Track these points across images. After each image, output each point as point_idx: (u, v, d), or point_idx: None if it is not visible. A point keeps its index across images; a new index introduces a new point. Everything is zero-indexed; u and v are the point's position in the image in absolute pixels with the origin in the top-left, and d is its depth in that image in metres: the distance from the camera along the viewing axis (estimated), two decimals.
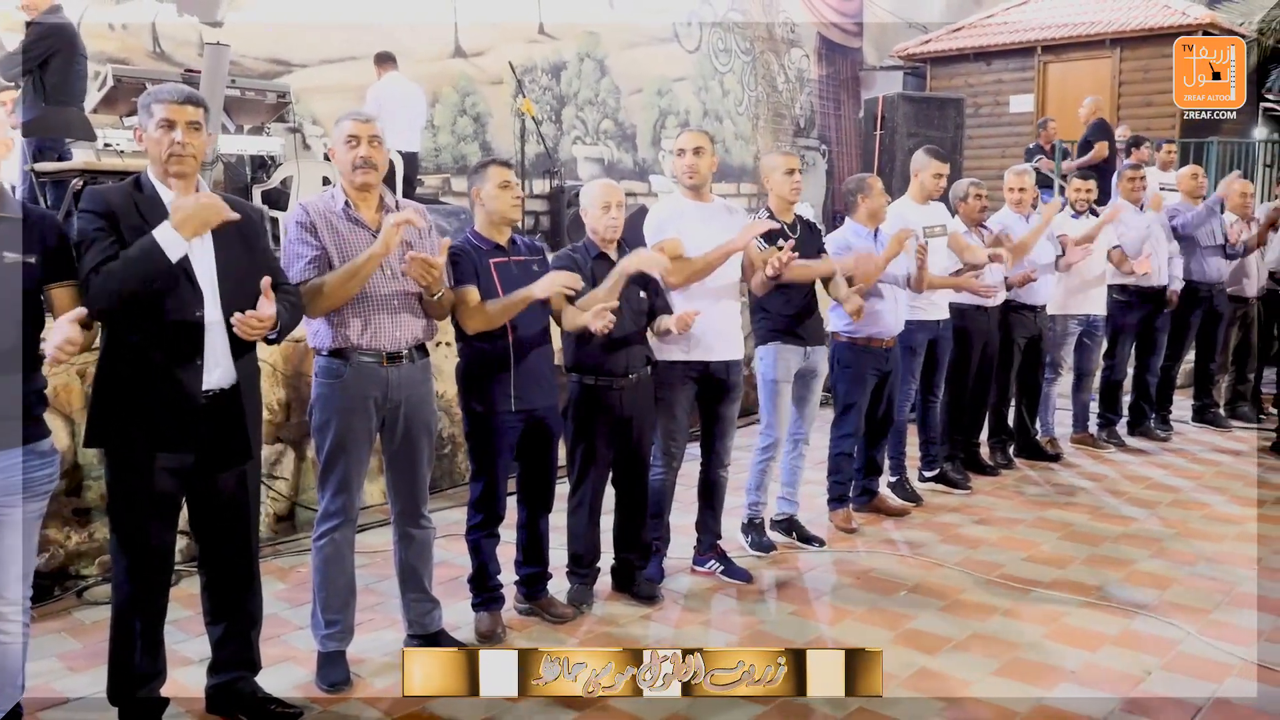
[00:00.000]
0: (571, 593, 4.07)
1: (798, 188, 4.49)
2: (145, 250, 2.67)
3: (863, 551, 4.77)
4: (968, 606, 4.11)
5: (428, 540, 3.57)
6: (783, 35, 14.42)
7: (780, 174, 4.46)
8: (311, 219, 3.20)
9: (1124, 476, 6.09)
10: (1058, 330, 6.42)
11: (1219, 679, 3.48)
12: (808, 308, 4.58)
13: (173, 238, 2.69)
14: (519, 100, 8.30)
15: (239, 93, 5.90)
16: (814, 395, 4.76)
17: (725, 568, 4.39)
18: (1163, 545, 4.83)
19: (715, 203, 4.34)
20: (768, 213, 4.51)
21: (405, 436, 3.38)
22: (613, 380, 3.91)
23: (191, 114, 2.82)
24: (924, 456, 5.74)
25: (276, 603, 4.08)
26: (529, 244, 3.75)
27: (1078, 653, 3.68)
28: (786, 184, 4.45)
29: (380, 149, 3.24)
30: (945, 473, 5.70)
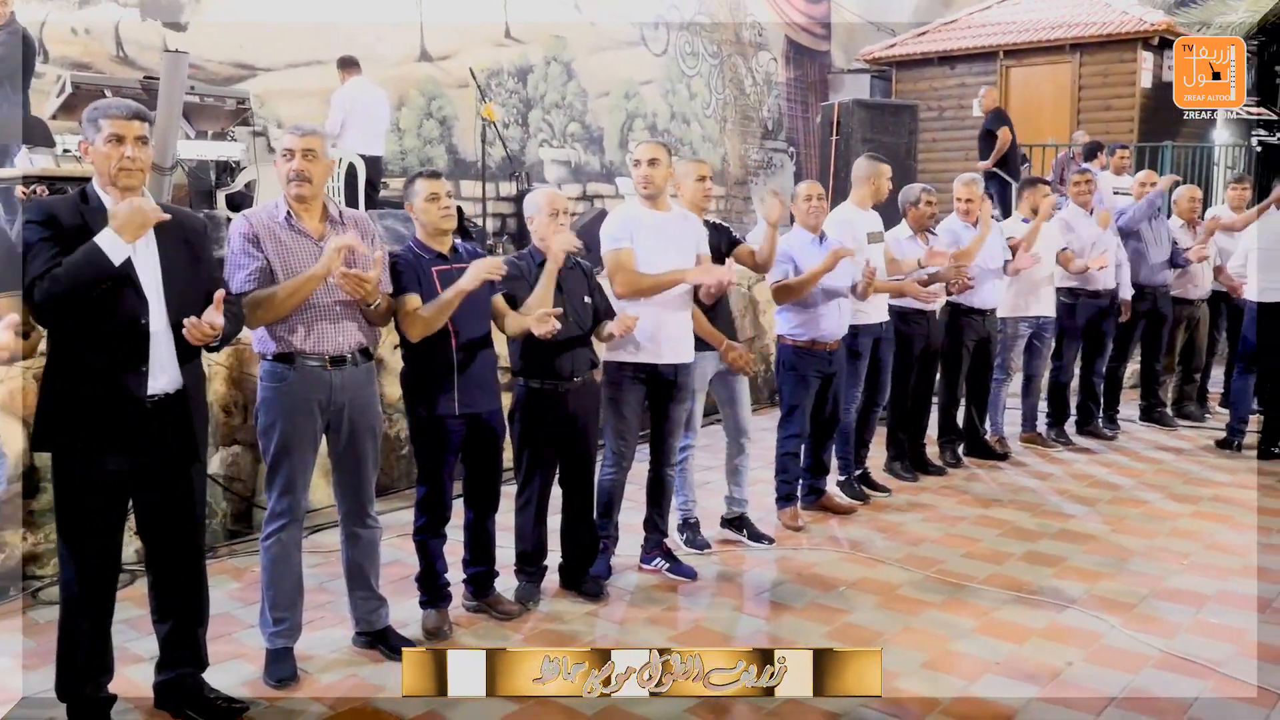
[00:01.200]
0: (519, 590, 4.18)
1: (709, 194, 4.59)
2: (88, 255, 2.76)
3: (807, 549, 4.90)
4: (903, 602, 4.24)
5: (374, 540, 3.67)
6: (750, 38, 14.57)
7: (691, 181, 4.54)
8: (254, 230, 3.30)
9: (1068, 475, 6.25)
10: (1008, 333, 6.58)
11: (1136, 670, 3.63)
12: (716, 313, 4.67)
13: (114, 241, 2.78)
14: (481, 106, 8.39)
15: (198, 99, 5.97)
16: (741, 394, 4.86)
17: (671, 565, 4.51)
18: (1098, 541, 4.99)
19: (673, 211, 4.43)
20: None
21: (350, 438, 3.48)
22: (558, 383, 4.02)
23: (139, 129, 2.91)
24: (855, 459, 5.78)
25: (229, 601, 4.18)
26: (471, 250, 3.85)
27: (1004, 645, 3.82)
28: (699, 190, 4.55)
29: (316, 161, 3.32)
30: (868, 474, 5.82)
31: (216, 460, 4.90)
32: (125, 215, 2.79)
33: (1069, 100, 13.05)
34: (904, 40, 14.77)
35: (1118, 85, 12.67)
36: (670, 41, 13.10)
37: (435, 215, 3.68)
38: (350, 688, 3.47)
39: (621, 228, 4.29)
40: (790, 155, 15.16)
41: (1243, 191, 7.61)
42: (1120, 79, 12.67)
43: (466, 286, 3.58)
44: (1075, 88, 13.06)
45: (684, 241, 4.32)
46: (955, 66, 14.05)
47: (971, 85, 14.02)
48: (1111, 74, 12.74)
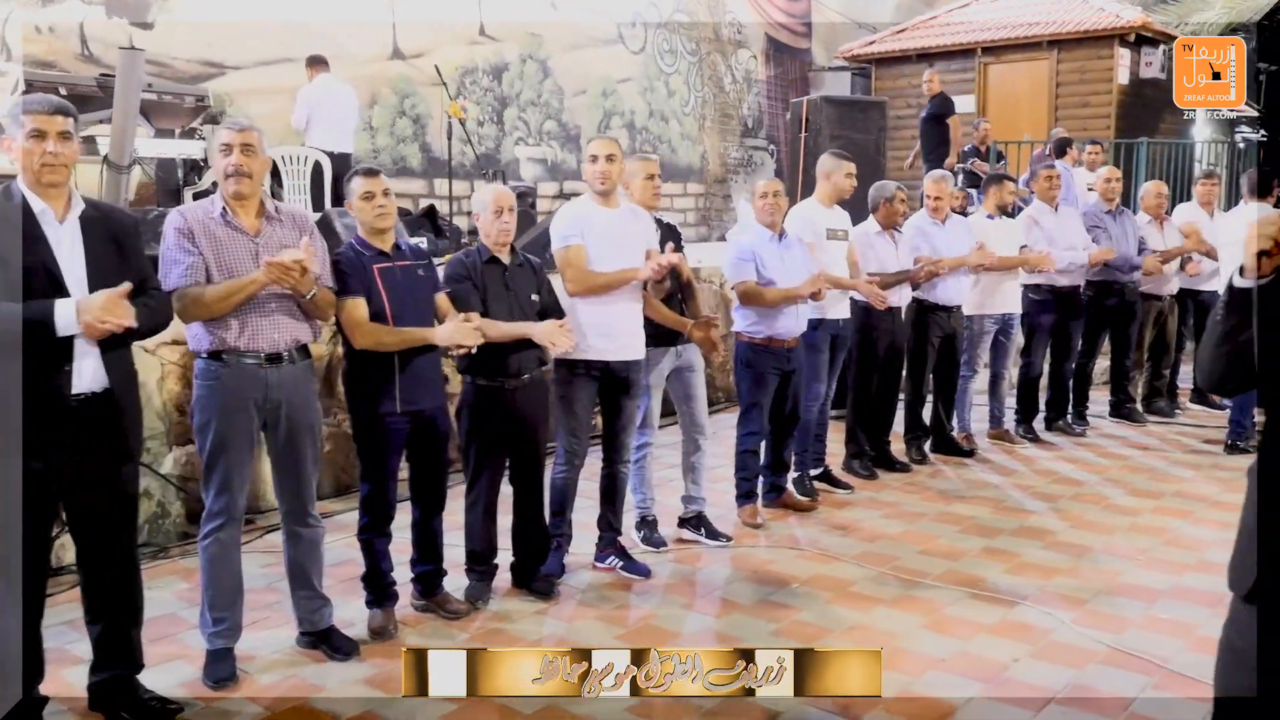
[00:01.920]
0: (469, 589, 4.15)
1: (658, 193, 4.58)
2: (36, 316, 2.75)
3: (764, 547, 4.88)
4: (854, 599, 4.23)
5: (316, 539, 3.65)
6: (729, 36, 14.55)
7: (641, 179, 4.51)
8: (189, 225, 3.27)
9: (1033, 471, 6.24)
10: (974, 329, 6.57)
11: (1081, 665, 3.62)
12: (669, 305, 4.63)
13: (69, 321, 2.77)
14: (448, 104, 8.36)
15: (155, 96, 5.93)
16: (697, 390, 4.84)
17: (625, 564, 4.49)
18: (1055, 537, 4.98)
19: (623, 208, 4.42)
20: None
21: (288, 437, 3.45)
22: (504, 381, 4.00)
23: (61, 124, 2.89)
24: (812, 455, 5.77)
25: (176, 602, 4.15)
26: (414, 248, 3.83)
27: (952, 641, 3.81)
28: (648, 189, 4.53)
29: (255, 157, 3.30)
30: (828, 471, 5.81)
31: (170, 460, 4.87)
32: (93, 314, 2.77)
33: (1046, 97, 13.06)
34: (882, 38, 14.78)
35: (1095, 82, 12.68)
36: (648, 39, 13.07)
37: (370, 214, 3.65)
38: (289, 688, 3.44)
39: (572, 225, 4.28)
40: (771, 153, 15.13)
41: (1210, 186, 7.61)
42: (1097, 75, 12.68)
43: (438, 342, 3.69)
44: (1053, 84, 13.06)
45: (634, 238, 4.31)
46: (934, 64, 13.98)
47: (950, 82, 13.99)
48: (1089, 71, 12.75)
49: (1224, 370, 2.00)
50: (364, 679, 3.50)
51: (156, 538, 4.79)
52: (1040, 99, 13.14)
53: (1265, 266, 1.88)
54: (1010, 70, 13.48)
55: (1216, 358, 2.02)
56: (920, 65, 14.18)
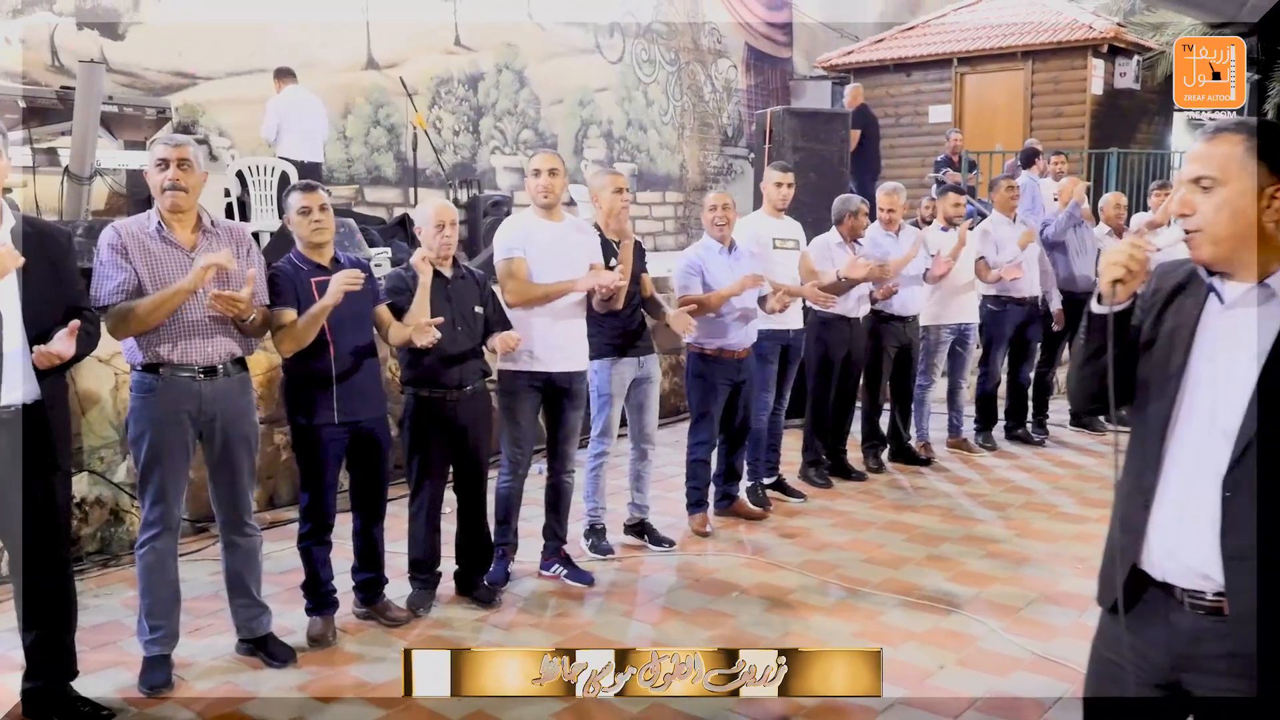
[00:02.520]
0: (411, 597, 4.21)
1: (626, 206, 4.66)
2: None
3: (710, 554, 4.95)
4: (792, 607, 4.29)
5: (253, 548, 3.71)
6: (709, 45, 14.64)
7: (609, 193, 4.63)
8: (123, 241, 3.33)
9: (987, 480, 6.32)
10: (930, 339, 6.65)
11: (1006, 673, 3.69)
12: (641, 322, 4.76)
13: None
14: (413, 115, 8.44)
15: (117, 109, 6.00)
16: (651, 401, 4.92)
17: (569, 571, 4.55)
18: (998, 546, 5.05)
19: (566, 221, 4.50)
20: (597, 229, 4.67)
21: (224, 448, 3.52)
22: (446, 392, 4.06)
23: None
24: (765, 464, 5.82)
25: (122, 610, 4.20)
26: (353, 261, 3.89)
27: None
28: (616, 202, 4.62)
29: (191, 172, 3.36)
30: (781, 480, 5.87)
31: (123, 469, 4.92)
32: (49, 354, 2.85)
33: (1022, 107, 13.17)
34: (861, 48, 14.88)
35: (1069, 92, 12.80)
36: (626, 49, 13.16)
37: (306, 229, 3.72)
38: (223, 694, 3.50)
39: (514, 238, 4.35)
40: (750, 161, 15.19)
41: (1163, 196, 7.70)
42: (1071, 86, 12.79)
43: (329, 303, 3.62)
44: (1028, 95, 13.17)
45: (577, 252, 4.38)
46: (911, 74, 14.16)
47: (927, 92, 14.15)
48: (1062, 81, 12.86)
49: (1089, 390, 2.07)
50: (298, 685, 3.56)
51: (110, 546, 4.85)
52: (1016, 109, 13.25)
53: (1120, 293, 1.96)
54: (986, 80, 13.59)
55: (1081, 379, 2.09)
56: (898, 75, 14.32)
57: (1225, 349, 1.90)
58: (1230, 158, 1.84)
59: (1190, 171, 1.90)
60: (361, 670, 3.70)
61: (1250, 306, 1.88)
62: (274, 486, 5.56)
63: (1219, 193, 1.85)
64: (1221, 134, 1.87)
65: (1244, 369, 1.86)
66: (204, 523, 4.93)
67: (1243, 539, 1.85)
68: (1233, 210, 1.84)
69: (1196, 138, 1.92)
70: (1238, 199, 1.84)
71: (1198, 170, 1.88)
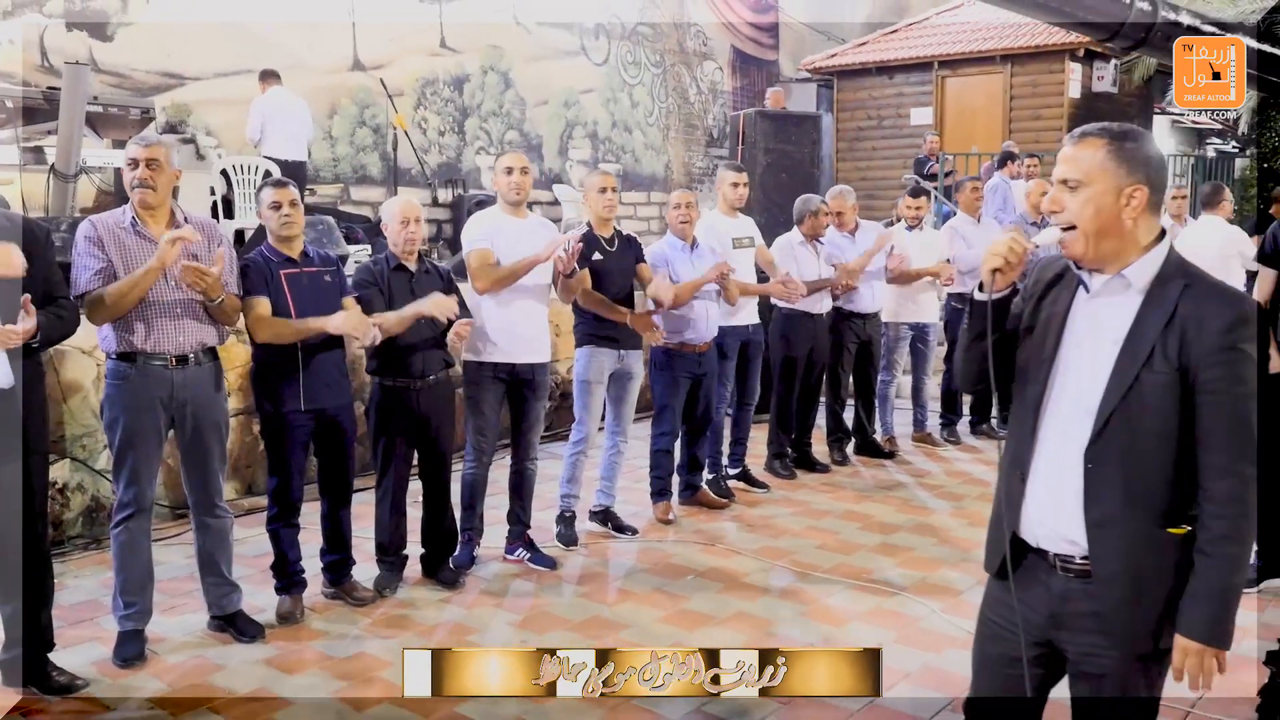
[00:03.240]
0: (378, 579, 4.39)
1: (610, 204, 4.85)
2: None
3: (671, 541, 5.13)
4: (744, 589, 4.48)
5: (224, 528, 3.89)
6: (695, 48, 14.83)
7: (595, 192, 4.86)
8: (99, 233, 3.51)
9: (946, 472, 6.50)
10: (890, 335, 6.84)
11: (941, 650, 3.87)
12: None
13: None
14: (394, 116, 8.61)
15: (102, 109, 6.18)
16: (630, 395, 5.11)
17: (533, 555, 4.74)
18: (949, 534, 5.24)
19: (530, 218, 4.69)
20: (588, 227, 4.86)
21: (194, 434, 3.69)
22: (410, 382, 4.25)
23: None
24: (731, 455, 6.04)
25: (100, 589, 4.37)
26: (323, 255, 4.07)
27: (824, 628, 4.06)
28: (600, 201, 4.83)
29: (160, 171, 3.54)
30: (746, 471, 6.06)
31: (104, 456, 5.08)
32: None
33: (1001, 110, 13.38)
34: (844, 51, 15.09)
35: (1047, 95, 13.00)
36: (612, 51, 13.34)
37: (277, 222, 3.91)
38: (192, 668, 3.68)
39: (481, 231, 4.54)
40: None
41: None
42: (1049, 89, 13.00)
43: (331, 330, 3.88)
44: (1007, 98, 13.38)
45: (536, 245, 4.55)
46: (893, 76, 14.36)
47: (909, 95, 14.36)
48: (1041, 84, 13.07)
49: (972, 371, 2.26)
50: (264, 659, 3.74)
51: (90, 529, 5.02)
52: (995, 112, 13.46)
53: (1000, 282, 2.14)
54: (966, 84, 13.80)
55: (964, 361, 2.28)
56: (880, 78, 14.52)
57: (1090, 335, 2.08)
58: (1093, 161, 2.02)
59: (1059, 173, 2.08)
60: (325, 645, 3.88)
61: (1111, 295, 2.06)
62: (251, 475, 5.73)
63: (1084, 192, 2.03)
64: (1085, 139, 2.05)
65: (1105, 352, 2.04)
66: (182, 509, 5.10)
67: (1104, 507, 2.03)
68: (1096, 208, 2.02)
69: (1064, 142, 2.10)
70: (1100, 198, 2.02)
71: (1064, 172, 2.06)
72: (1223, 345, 1.92)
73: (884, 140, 14.32)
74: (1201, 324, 1.94)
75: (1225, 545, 1.95)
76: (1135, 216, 2.02)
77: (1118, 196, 2.01)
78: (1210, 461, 1.95)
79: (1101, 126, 2.07)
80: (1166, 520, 2.00)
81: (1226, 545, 1.95)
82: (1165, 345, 1.96)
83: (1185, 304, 1.96)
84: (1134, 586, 2.03)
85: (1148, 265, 2.02)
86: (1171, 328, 1.96)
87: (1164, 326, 1.97)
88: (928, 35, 14.43)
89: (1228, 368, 1.92)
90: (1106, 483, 2.02)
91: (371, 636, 3.96)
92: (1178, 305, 1.97)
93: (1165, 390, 1.96)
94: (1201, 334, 1.93)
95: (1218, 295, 1.98)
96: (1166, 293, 1.99)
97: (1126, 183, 2.01)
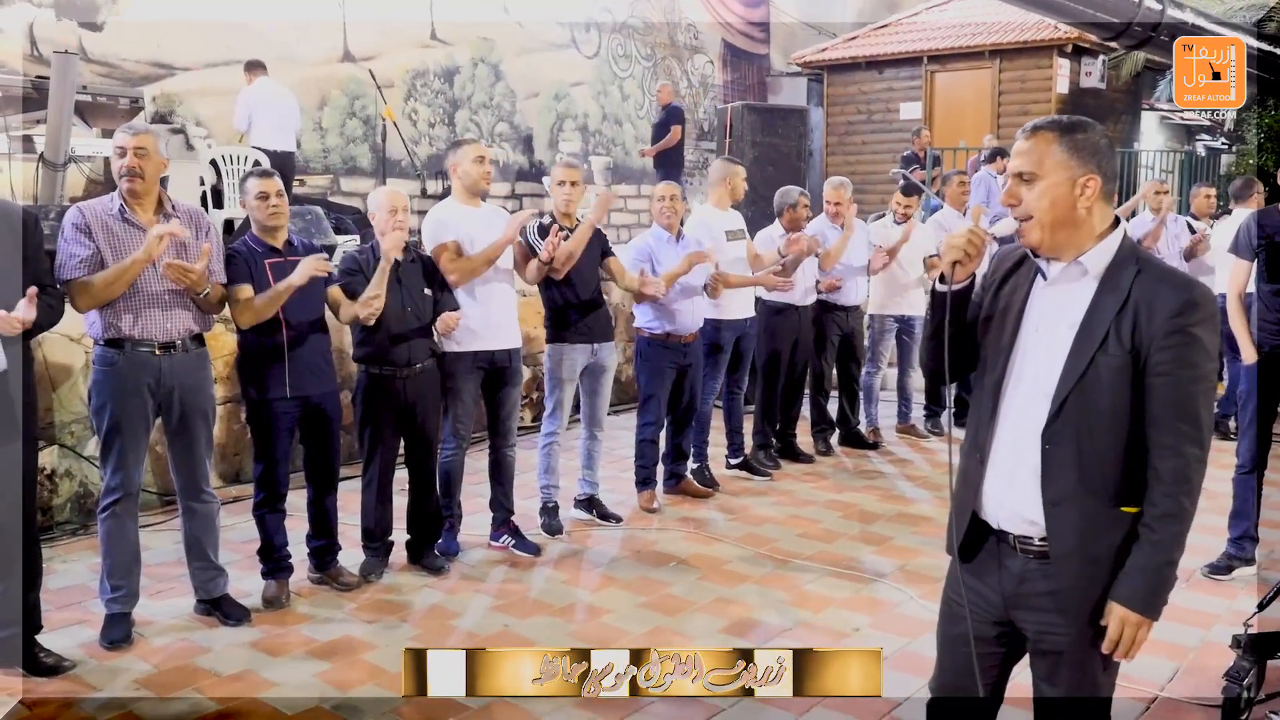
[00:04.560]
0: (363, 564, 4.45)
1: (569, 198, 4.90)
2: None
3: (655, 529, 5.20)
4: (725, 576, 4.54)
5: (210, 513, 3.94)
6: (685, 41, 14.85)
7: (554, 185, 4.94)
8: (87, 221, 3.56)
9: (928, 463, 6.58)
10: (875, 328, 6.92)
11: (917, 635, 3.94)
12: (594, 304, 4.98)
13: None
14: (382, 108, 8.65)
15: (91, 98, 6.21)
16: (603, 388, 5.17)
17: (517, 542, 4.80)
18: (930, 523, 5.30)
19: (484, 208, 4.74)
20: (551, 218, 4.91)
21: (181, 420, 3.75)
22: (396, 370, 4.30)
23: None
24: (730, 445, 6.15)
25: (88, 574, 4.42)
26: (307, 244, 4.13)
27: (803, 613, 4.13)
28: (559, 194, 4.90)
29: (148, 159, 3.58)
30: (747, 460, 6.14)
31: (92, 443, 5.10)
32: None
33: (989, 105, 13.43)
34: (834, 45, 15.13)
35: (1035, 91, 13.06)
36: (602, 44, 13.37)
37: (263, 213, 3.95)
38: (179, 650, 3.73)
39: (440, 227, 4.60)
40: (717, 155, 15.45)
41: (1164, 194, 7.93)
42: (1037, 85, 13.06)
43: (296, 282, 3.87)
44: (995, 93, 13.43)
45: (495, 232, 4.61)
46: (883, 71, 14.40)
47: (899, 89, 14.40)
48: (1029, 80, 13.13)
49: (934, 361, 2.32)
50: (250, 642, 3.80)
51: (79, 515, 5.07)
52: (984, 107, 13.51)
53: (959, 274, 2.20)
54: (955, 79, 13.85)
55: (927, 350, 2.34)
56: (870, 72, 14.57)
57: (1047, 320, 2.14)
58: (1045, 154, 2.08)
59: (1014, 166, 2.14)
60: (310, 629, 3.93)
61: (1068, 282, 2.12)
62: (240, 463, 5.78)
63: (1038, 184, 2.09)
64: (1038, 132, 2.11)
65: (1062, 336, 2.10)
66: (170, 497, 5.14)
67: (1060, 486, 2.09)
68: (1051, 199, 2.08)
69: (1017, 136, 2.16)
70: (1054, 189, 2.08)
71: (1019, 166, 2.12)
72: (1172, 329, 1.98)
73: (874, 135, 14.36)
74: (1153, 308, 2.00)
75: (1168, 523, 2.01)
76: (1089, 205, 2.08)
77: (1072, 187, 2.07)
78: (1158, 441, 2.01)
79: (1052, 119, 2.13)
80: (1120, 499, 2.07)
81: (1170, 523, 2.01)
82: (1119, 329, 2.02)
83: (1138, 289, 2.03)
84: (1089, 564, 2.09)
85: (1103, 252, 2.08)
86: (1125, 312, 2.02)
87: (1118, 311, 2.03)
88: (917, 31, 14.48)
89: (1176, 350, 1.99)
90: (1062, 463, 2.08)
91: (356, 620, 4.02)
92: (1131, 290, 2.03)
93: (1118, 373, 2.02)
94: (1152, 318, 2.00)
95: (1169, 280, 2.05)
96: (1120, 278, 2.05)
97: (1079, 173, 2.07)
